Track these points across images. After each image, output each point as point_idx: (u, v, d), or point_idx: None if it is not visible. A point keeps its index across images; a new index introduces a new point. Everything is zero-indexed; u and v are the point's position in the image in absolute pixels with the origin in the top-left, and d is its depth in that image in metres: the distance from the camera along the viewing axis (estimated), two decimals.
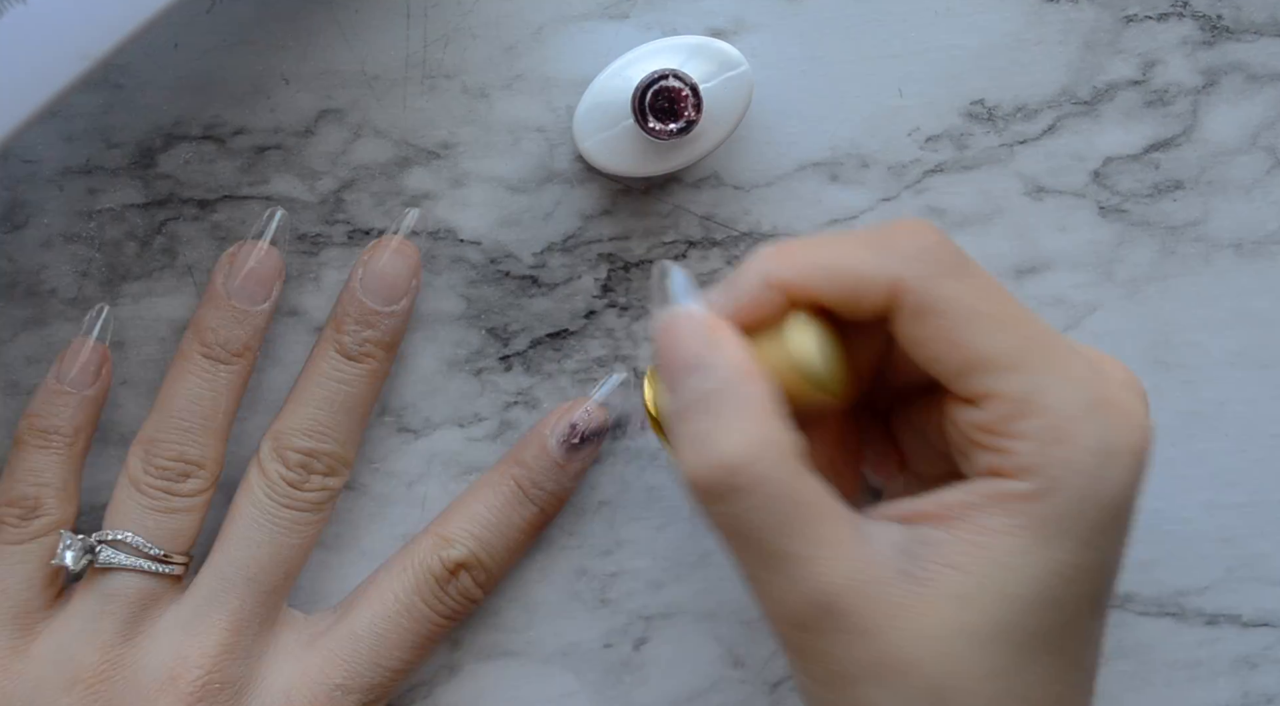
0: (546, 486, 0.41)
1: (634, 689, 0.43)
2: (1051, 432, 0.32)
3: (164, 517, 0.39)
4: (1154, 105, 0.43)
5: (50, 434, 0.40)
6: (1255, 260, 0.43)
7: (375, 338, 0.40)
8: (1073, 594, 0.32)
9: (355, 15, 0.42)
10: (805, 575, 0.32)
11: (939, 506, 0.33)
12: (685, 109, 0.39)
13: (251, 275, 0.40)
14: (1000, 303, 0.32)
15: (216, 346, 0.40)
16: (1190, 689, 0.44)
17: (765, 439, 0.32)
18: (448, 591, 0.40)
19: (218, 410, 0.40)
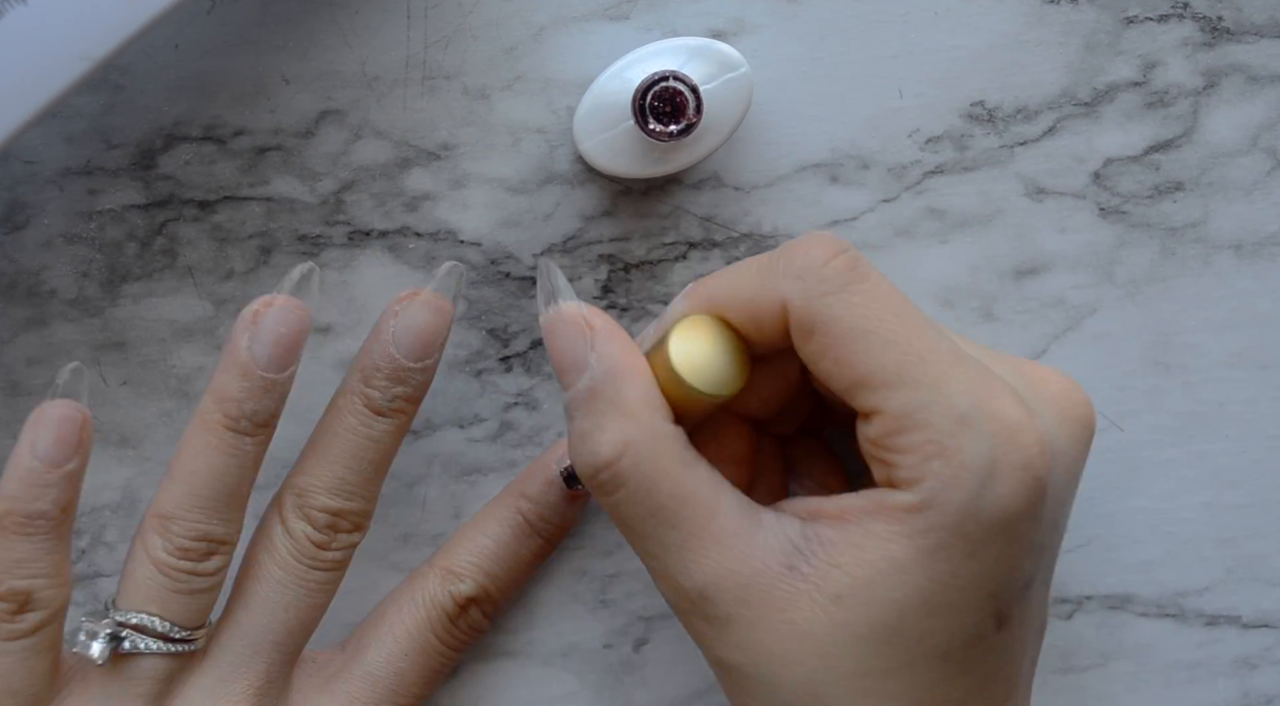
0: (553, 520, 0.41)
1: (634, 689, 0.43)
2: (930, 447, 0.32)
3: (187, 598, 0.37)
4: (1154, 106, 0.43)
5: (35, 519, 0.36)
6: (1255, 261, 0.43)
7: (405, 393, 0.38)
8: (957, 603, 0.32)
9: (355, 16, 0.42)
10: (685, 565, 0.33)
11: (837, 508, 0.33)
12: (686, 110, 0.39)
13: (280, 341, 0.36)
14: (886, 318, 0.33)
15: (243, 419, 0.37)
16: (1190, 689, 0.44)
17: (641, 435, 0.33)
18: (458, 626, 0.40)
19: (243, 483, 0.37)
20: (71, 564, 0.38)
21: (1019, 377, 0.34)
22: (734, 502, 0.34)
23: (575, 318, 0.35)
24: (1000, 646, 0.34)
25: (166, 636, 0.37)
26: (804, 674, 0.33)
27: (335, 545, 0.38)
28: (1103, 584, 0.43)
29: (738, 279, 0.35)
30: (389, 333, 0.38)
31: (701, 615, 0.34)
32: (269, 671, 0.38)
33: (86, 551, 0.42)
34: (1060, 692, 0.43)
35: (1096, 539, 0.43)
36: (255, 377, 0.37)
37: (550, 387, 0.43)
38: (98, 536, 0.42)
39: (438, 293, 0.39)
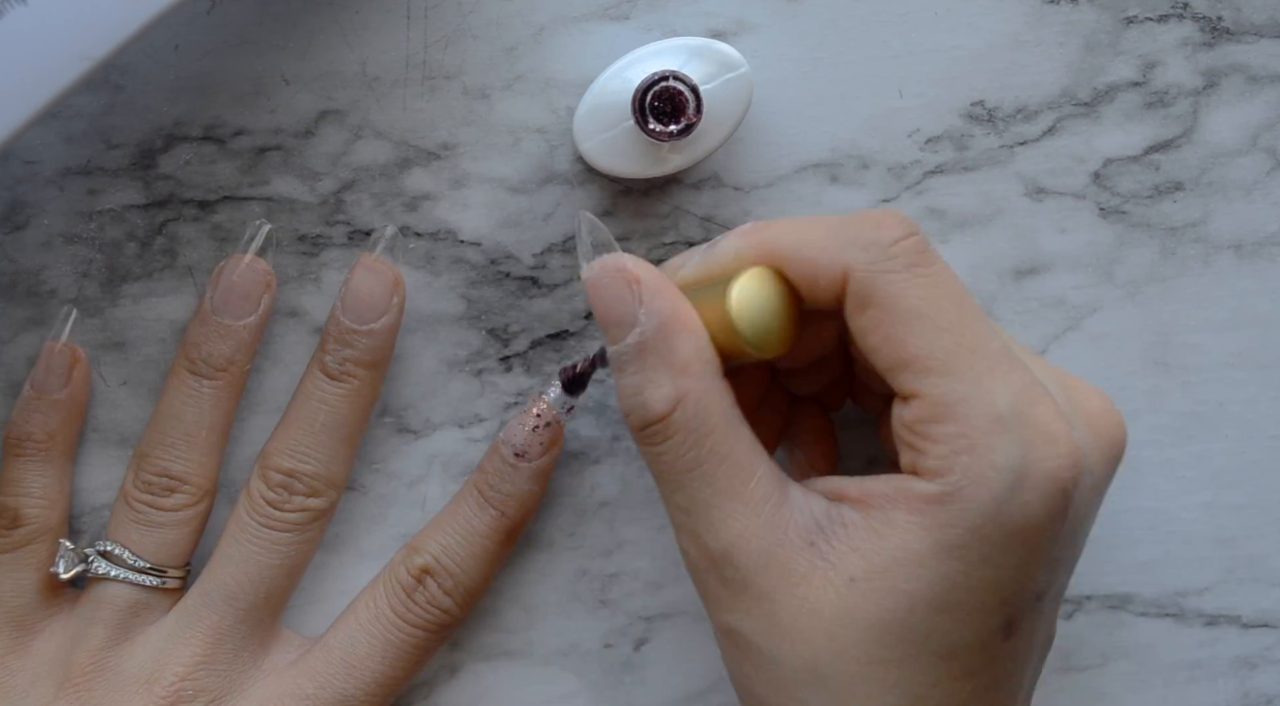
0: (503, 489, 0.41)
1: (634, 689, 0.43)
2: (963, 441, 0.32)
3: (149, 531, 0.40)
4: (1154, 106, 0.43)
5: (24, 441, 0.40)
6: (1255, 261, 0.43)
7: (354, 357, 0.40)
8: (967, 604, 0.32)
9: (355, 16, 0.42)
10: (713, 523, 0.34)
11: (862, 491, 0.33)
12: (686, 110, 0.39)
13: (234, 289, 0.40)
14: (946, 306, 0.33)
15: (200, 362, 0.40)
16: (1190, 689, 0.44)
17: (694, 389, 0.34)
18: (415, 599, 0.40)
19: (201, 426, 0.40)
20: (67, 490, 0.41)
21: (1061, 389, 0.34)
22: (768, 470, 0.34)
23: (621, 270, 0.35)
24: (1006, 655, 0.34)
25: (130, 565, 0.40)
26: (809, 651, 0.33)
27: (289, 506, 0.40)
28: (1103, 584, 0.43)
29: (804, 235, 0.34)
30: (338, 300, 0.40)
31: (719, 576, 0.34)
32: (220, 623, 0.40)
33: None
34: (1060, 692, 0.43)
35: (1096, 539, 0.43)
36: (212, 323, 0.40)
37: None
38: (98, 536, 0.42)
39: (379, 256, 0.41)
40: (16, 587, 0.40)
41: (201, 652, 0.40)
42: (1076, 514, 0.33)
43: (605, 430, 0.43)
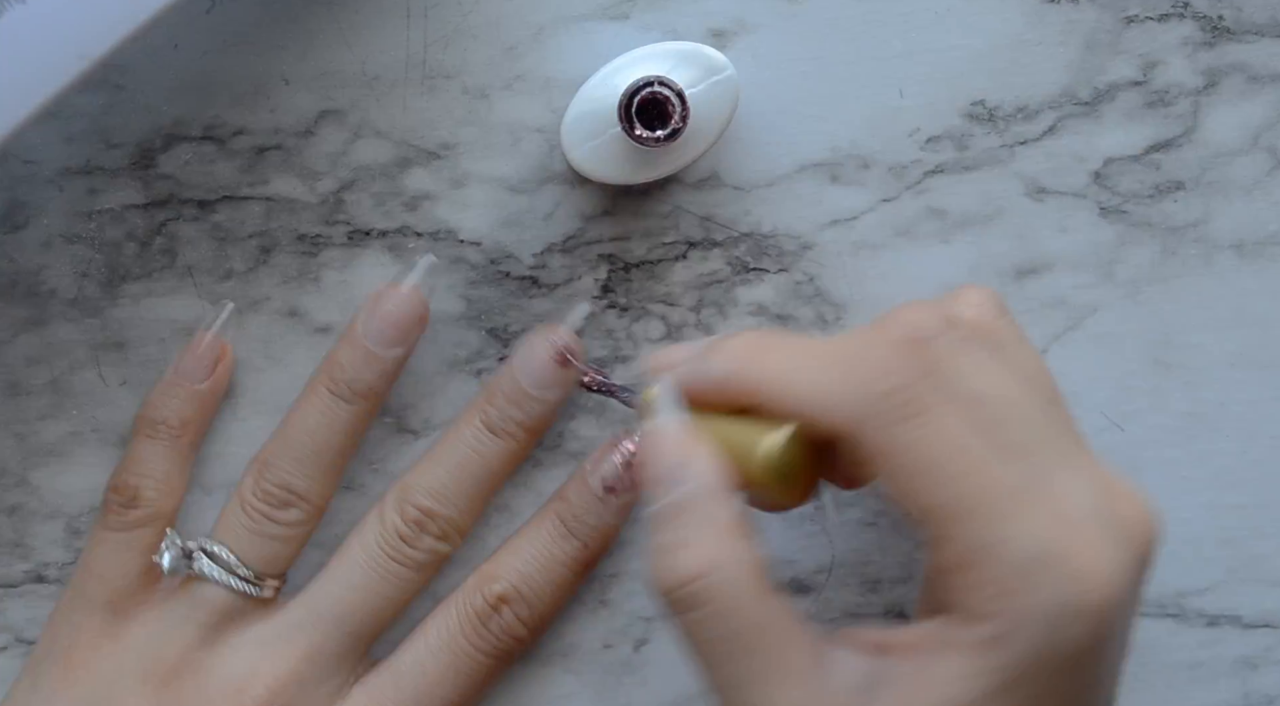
0: (589, 521, 0.41)
1: (634, 689, 0.43)
2: (1001, 586, 0.31)
3: (260, 540, 0.40)
4: (1155, 106, 0.43)
5: (158, 424, 0.41)
6: (1256, 261, 0.43)
7: (519, 419, 0.40)
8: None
9: (355, 16, 0.42)
10: (757, 698, 0.33)
11: (904, 640, 0.33)
12: (672, 115, 0.39)
13: (388, 319, 0.40)
14: (949, 454, 0.32)
15: (343, 383, 0.40)
16: (1191, 690, 0.43)
17: (726, 557, 0.33)
18: (490, 627, 0.40)
19: (330, 446, 0.40)
20: (185, 481, 0.41)
21: (1095, 497, 0.33)
22: (807, 638, 0.33)
23: (679, 432, 0.35)
24: None
25: (233, 570, 0.40)
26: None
27: (419, 545, 0.40)
28: None
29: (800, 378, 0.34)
30: (518, 359, 0.41)
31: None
32: (324, 642, 0.40)
33: None
34: None
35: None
36: (360, 348, 0.40)
37: None
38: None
39: (568, 331, 0.41)
40: (122, 569, 0.40)
41: (297, 668, 0.39)
42: (1119, 632, 0.33)
43: (605, 430, 0.43)
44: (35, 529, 0.42)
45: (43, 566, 0.42)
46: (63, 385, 0.42)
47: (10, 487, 0.42)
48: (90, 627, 0.40)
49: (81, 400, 0.42)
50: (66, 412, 0.42)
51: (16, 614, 0.42)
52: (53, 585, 0.42)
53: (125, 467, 0.41)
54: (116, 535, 0.40)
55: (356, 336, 0.40)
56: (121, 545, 0.40)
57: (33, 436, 0.42)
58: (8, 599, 0.42)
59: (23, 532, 0.42)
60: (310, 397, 0.40)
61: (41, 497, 0.42)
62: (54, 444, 0.42)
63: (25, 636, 0.42)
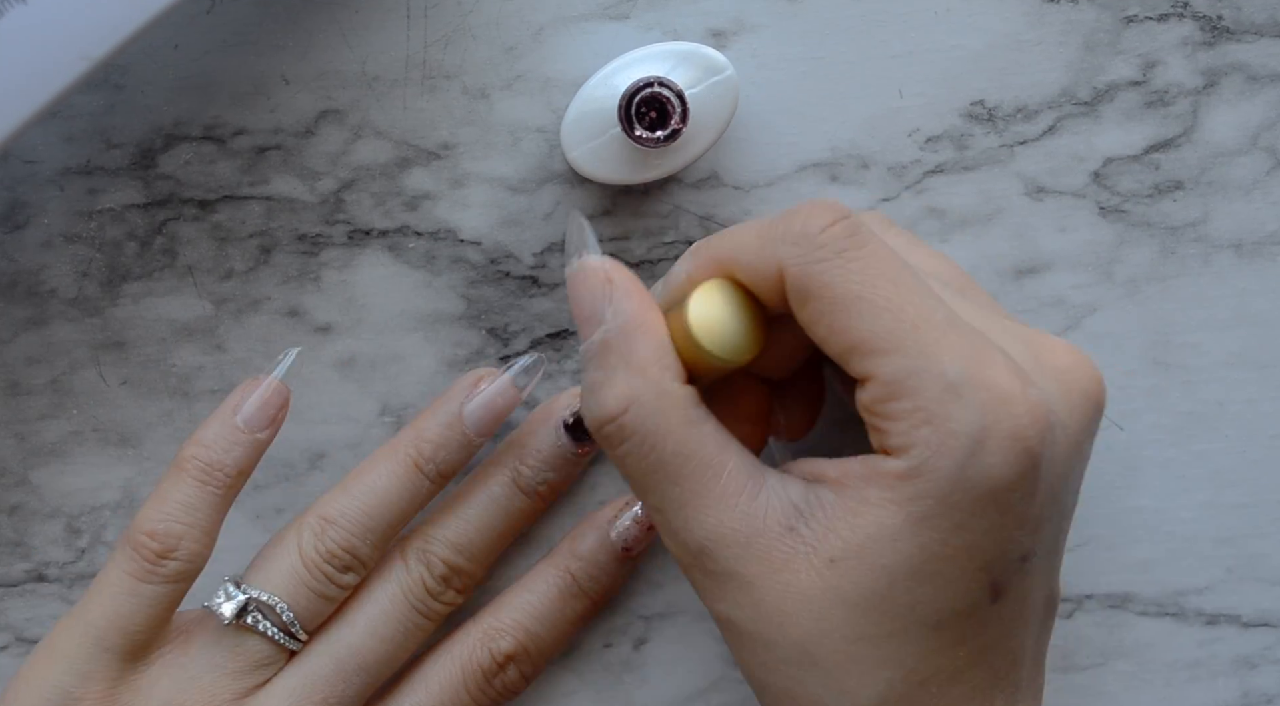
0: (601, 581, 0.41)
1: (634, 689, 0.43)
2: (920, 415, 0.32)
3: (315, 600, 0.39)
4: (1154, 106, 0.43)
5: (215, 470, 0.38)
6: (1255, 261, 0.43)
7: (553, 480, 0.41)
8: (947, 573, 0.32)
9: (355, 15, 0.42)
10: (687, 520, 0.34)
11: (839, 471, 0.34)
12: (671, 116, 0.39)
13: (490, 408, 0.40)
14: (880, 285, 0.33)
15: (431, 463, 0.39)
16: (1190, 689, 0.44)
17: (648, 390, 0.34)
18: (494, 684, 0.40)
19: (403, 518, 0.40)
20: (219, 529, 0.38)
21: (1024, 348, 0.34)
22: (739, 462, 0.34)
23: (597, 271, 0.35)
24: (997, 618, 0.34)
25: (284, 625, 0.38)
26: (799, 634, 0.33)
27: (442, 598, 0.40)
28: (1103, 583, 0.43)
29: (738, 242, 0.35)
30: (558, 422, 0.41)
31: (702, 569, 0.34)
32: (345, 692, 0.39)
33: (86, 551, 0.42)
34: (1060, 692, 0.43)
35: (1096, 538, 0.43)
36: (459, 432, 0.40)
37: (549, 388, 0.43)
38: (97, 536, 0.42)
39: None
40: (148, 622, 0.37)
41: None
42: (1051, 469, 0.33)
43: None
44: (35, 529, 0.42)
45: (43, 566, 0.42)
46: (63, 385, 0.42)
47: (10, 487, 0.42)
48: (105, 678, 0.37)
49: (81, 400, 0.42)
50: (66, 412, 0.42)
51: (17, 614, 0.42)
52: (53, 584, 0.42)
53: (164, 512, 0.37)
54: (148, 587, 0.37)
55: (452, 416, 0.40)
56: (155, 599, 0.37)
57: (33, 436, 0.42)
58: (8, 599, 0.42)
59: (23, 532, 0.42)
60: (393, 466, 0.39)
61: (42, 497, 0.42)
62: (54, 444, 0.42)
63: (26, 636, 0.42)
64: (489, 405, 0.40)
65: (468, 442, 0.40)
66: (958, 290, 0.36)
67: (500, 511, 0.41)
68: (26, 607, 0.42)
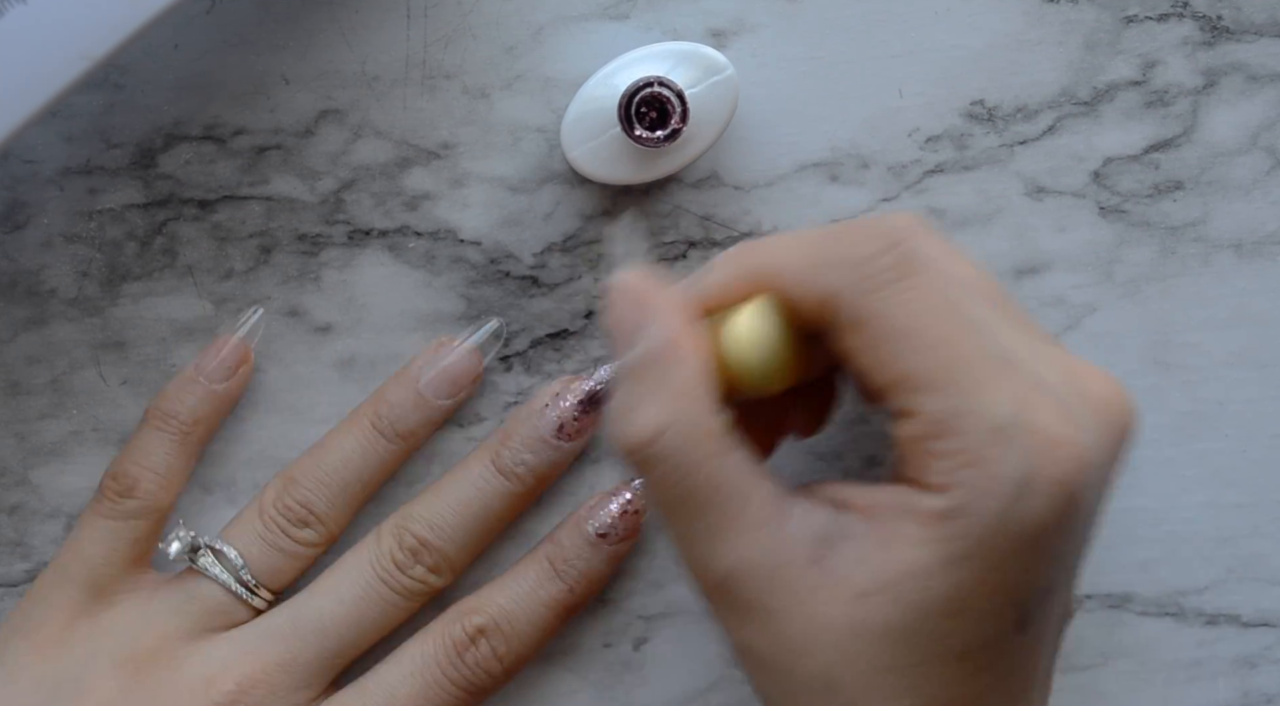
0: (578, 565, 0.41)
1: (634, 689, 0.43)
2: (965, 456, 0.31)
3: (270, 552, 0.40)
4: (1154, 106, 0.43)
5: (169, 418, 0.41)
6: (1255, 260, 0.43)
7: (533, 464, 0.41)
8: (977, 608, 0.32)
9: (355, 15, 0.42)
10: (712, 551, 0.33)
11: (868, 501, 0.33)
12: (672, 116, 0.39)
13: (446, 373, 0.41)
14: (932, 320, 0.32)
15: (387, 421, 0.41)
16: (1190, 689, 0.44)
17: (681, 414, 0.33)
18: (465, 659, 0.40)
19: (359, 479, 0.41)
20: (185, 478, 0.41)
21: (1065, 378, 0.34)
22: (767, 491, 0.33)
23: (638, 287, 0.35)
24: (1021, 646, 0.33)
25: (236, 573, 0.40)
26: (821, 665, 0.33)
27: (410, 573, 0.40)
28: (1103, 583, 0.43)
29: (783, 259, 0.34)
30: (540, 412, 0.41)
31: (724, 600, 0.34)
32: (300, 652, 0.40)
33: None
34: (1060, 692, 0.43)
35: (1097, 538, 0.43)
36: (412, 392, 0.41)
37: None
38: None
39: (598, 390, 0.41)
40: (108, 555, 0.40)
41: (269, 671, 0.39)
42: (1086, 509, 0.33)
43: (604, 430, 0.43)
44: (35, 528, 0.42)
45: (43, 566, 0.42)
46: (63, 385, 0.42)
47: (10, 487, 0.42)
48: (67, 607, 0.40)
49: (81, 400, 0.42)
50: (66, 412, 0.42)
51: None
52: None
53: (128, 456, 0.41)
54: (108, 522, 0.40)
55: (410, 380, 0.41)
56: (111, 532, 0.40)
57: (33, 436, 0.42)
58: (8, 598, 0.43)
59: (23, 532, 0.42)
60: (351, 427, 0.41)
61: (41, 497, 0.42)
62: (54, 444, 0.42)
63: None
64: (445, 370, 0.41)
65: (424, 403, 0.41)
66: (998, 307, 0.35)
67: (475, 490, 0.40)
68: None
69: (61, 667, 0.39)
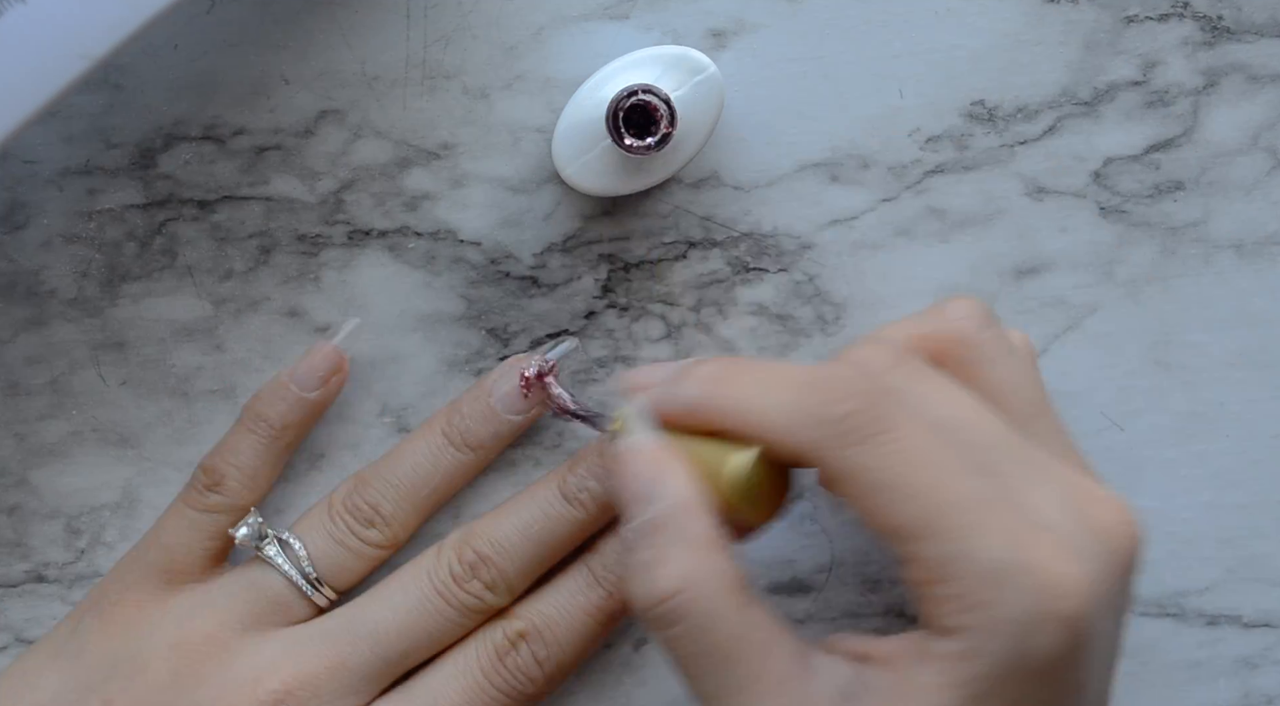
0: (617, 571, 0.41)
1: (634, 689, 0.43)
2: (964, 600, 0.32)
3: (336, 548, 0.40)
4: (1154, 106, 0.43)
5: (259, 420, 0.41)
6: (1255, 261, 0.43)
7: (595, 491, 0.41)
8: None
9: (355, 15, 0.42)
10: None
11: (887, 651, 0.33)
12: (660, 122, 0.39)
13: (516, 391, 0.41)
14: (909, 472, 0.33)
15: (457, 432, 0.41)
16: (1191, 689, 0.43)
17: (700, 573, 0.33)
18: (505, 664, 0.40)
19: (428, 485, 0.41)
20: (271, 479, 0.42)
21: (1066, 509, 0.34)
22: (787, 645, 0.34)
23: (653, 450, 0.35)
24: None
25: (300, 566, 0.40)
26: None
27: (467, 588, 0.40)
28: None
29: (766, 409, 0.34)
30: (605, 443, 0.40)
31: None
32: (352, 656, 0.40)
33: (85, 551, 0.42)
34: None
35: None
36: (485, 405, 0.41)
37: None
38: (97, 536, 0.42)
39: None
40: (188, 545, 0.41)
41: (317, 675, 0.39)
42: (1098, 639, 0.33)
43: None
44: (35, 529, 0.42)
45: (43, 566, 0.42)
46: (63, 385, 0.42)
47: (10, 487, 0.42)
48: (141, 588, 0.40)
49: (81, 400, 0.42)
50: (66, 412, 0.42)
51: (16, 614, 0.42)
52: (52, 585, 0.42)
53: (219, 453, 0.41)
54: (192, 512, 0.41)
55: (484, 392, 0.41)
56: (194, 523, 0.41)
57: (33, 436, 0.42)
58: (8, 599, 0.42)
59: (23, 532, 0.42)
60: (425, 434, 0.41)
61: (41, 497, 0.42)
62: (54, 444, 0.42)
63: (25, 636, 0.42)
64: (513, 387, 0.41)
65: (494, 416, 0.41)
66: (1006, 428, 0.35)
67: (540, 514, 0.40)
68: (26, 608, 0.42)
69: (123, 646, 0.40)
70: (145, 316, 0.42)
